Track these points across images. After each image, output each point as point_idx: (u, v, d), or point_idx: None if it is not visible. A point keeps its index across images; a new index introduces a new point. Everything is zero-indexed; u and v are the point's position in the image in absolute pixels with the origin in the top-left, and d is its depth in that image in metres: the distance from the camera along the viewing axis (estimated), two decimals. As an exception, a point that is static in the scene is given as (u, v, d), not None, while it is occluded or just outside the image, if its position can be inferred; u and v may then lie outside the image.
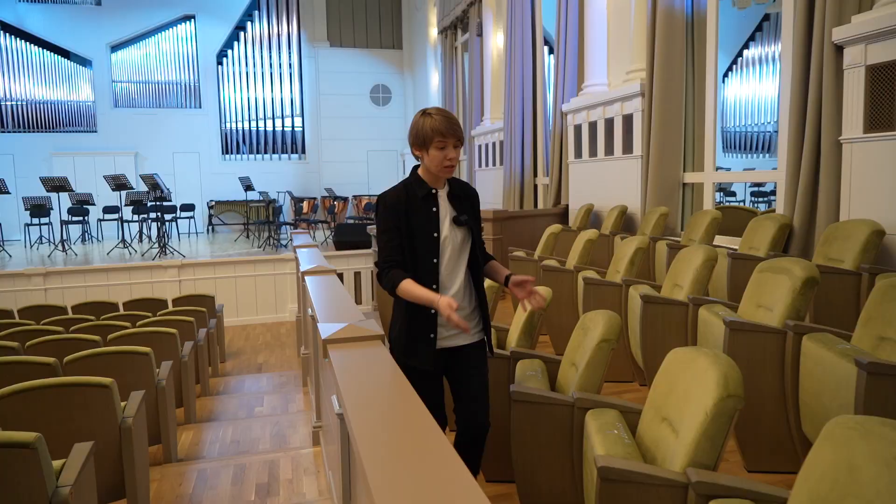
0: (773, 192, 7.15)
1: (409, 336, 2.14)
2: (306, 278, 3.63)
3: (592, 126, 6.23)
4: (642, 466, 1.49)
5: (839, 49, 3.50)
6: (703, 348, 1.64)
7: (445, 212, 2.11)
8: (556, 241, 5.49)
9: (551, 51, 8.62)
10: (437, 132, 2.00)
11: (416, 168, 2.18)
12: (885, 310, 2.13)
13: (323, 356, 2.24)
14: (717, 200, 8.48)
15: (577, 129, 6.53)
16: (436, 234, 2.09)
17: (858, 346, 2.16)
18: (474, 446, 2.19)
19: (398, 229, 2.09)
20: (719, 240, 4.61)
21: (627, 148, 5.66)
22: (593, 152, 6.26)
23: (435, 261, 2.09)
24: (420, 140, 2.05)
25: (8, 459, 1.83)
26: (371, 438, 1.31)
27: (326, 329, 2.21)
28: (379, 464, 1.17)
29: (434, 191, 2.11)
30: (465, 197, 2.16)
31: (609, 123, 5.93)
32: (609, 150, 5.97)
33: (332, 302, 2.80)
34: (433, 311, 2.08)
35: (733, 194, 7.82)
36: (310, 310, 3.53)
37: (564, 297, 4.20)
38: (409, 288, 2.05)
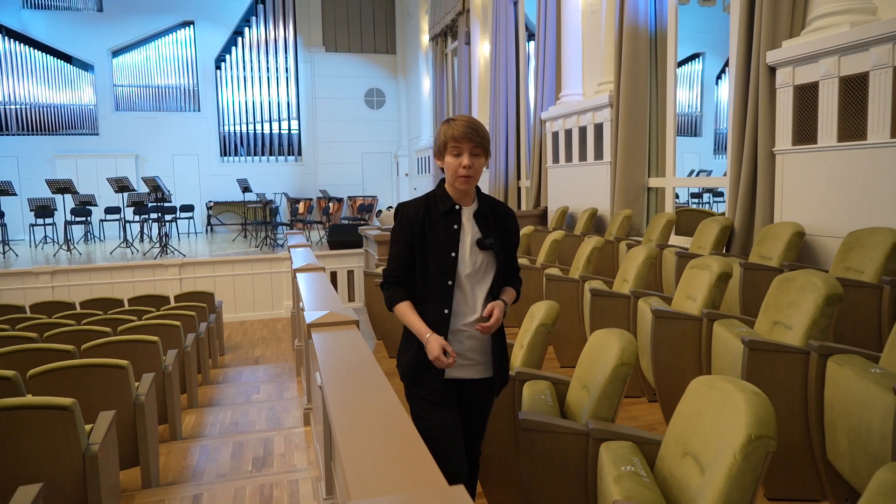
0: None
1: (416, 362, 1.97)
2: (297, 275, 4.06)
3: (568, 133, 6.66)
4: None
5: (772, 70, 3.93)
6: (729, 378, 1.53)
7: (469, 231, 1.92)
8: (559, 248, 5.48)
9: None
10: (450, 137, 1.85)
11: (442, 181, 2.00)
12: None
13: (307, 337, 2.64)
14: (683, 202, 8.92)
15: (555, 135, 6.96)
16: (454, 254, 1.89)
17: (889, 368, 2.02)
18: (469, 474, 2.08)
19: (409, 246, 1.93)
20: (677, 240, 5.04)
21: (598, 154, 6.09)
22: (569, 158, 6.69)
23: (450, 283, 1.89)
24: (437, 148, 1.93)
25: (51, 419, 2.25)
26: (341, 400, 1.72)
27: (311, 315, 2.64)
28: (345, 418, 1.58)
29: (457, 207, 1.93)
30: (495, 216, 1.96)
31: (583, 131, 6.36)
32: (583, 156, 6.40)
33: (318, 294, 3.22)
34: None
35: (699, 196, 8.28)
36: (301, 303, 3.95)
37: (568, 306, 4.07)
38: (405, 312, 1.94)
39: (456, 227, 1.91)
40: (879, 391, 1.84)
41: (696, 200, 8.07)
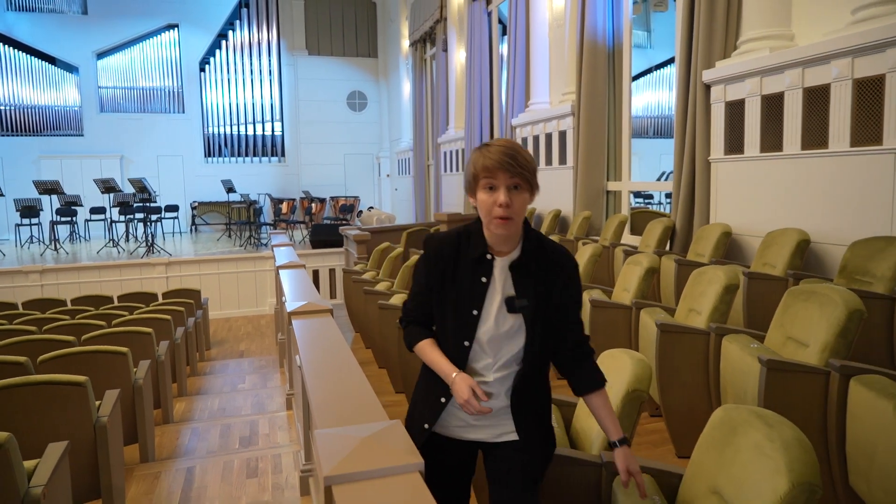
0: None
1: (413, 402, 1.72)
2: (280, 271, 4.45)
3: (536, 139, 7.10)
4: None
5: (708, 87, 4.39)
6: (760, 411, 1.45)
7: (500, 287, 1.54)
8: None
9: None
10: (482, 168, 1.46)
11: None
12: None
13: (288, 324, 3.04)
14: (657, 203, 9.40)
15: (525, 141, 7.40)
16: (475, 313, 1.54)
17: None
18: None
19: (429, 290, 1.61)
20: (629, 238, 5.50)
21: (562, 159, 6.54)
22: (536, 162, 7.13)
23: (466, 344, 1.55)
24: (467, 182, 1.53)
25: (67, 393, 2.62)
26: (314, 366, 2.13)
27: (292, 305, 3.04)
28: (316, 378, 1.98)
29: (489, 256, 1.54)
30: (540, 268, 1.54)
31: (549, 138, 6.80)
32: (549, 160, 6.85)
33: (298, 287, 3.63)
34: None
35: (650, 198, 8.84)
36: (284, 297, 4.34)
37: None
38: (426, 352, 1.61)
39: (484, 280, 1.54)
40: None
41: (656, 202, 8.61)
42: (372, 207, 13.57)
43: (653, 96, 12.57)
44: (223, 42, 15.77)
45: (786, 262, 3.43)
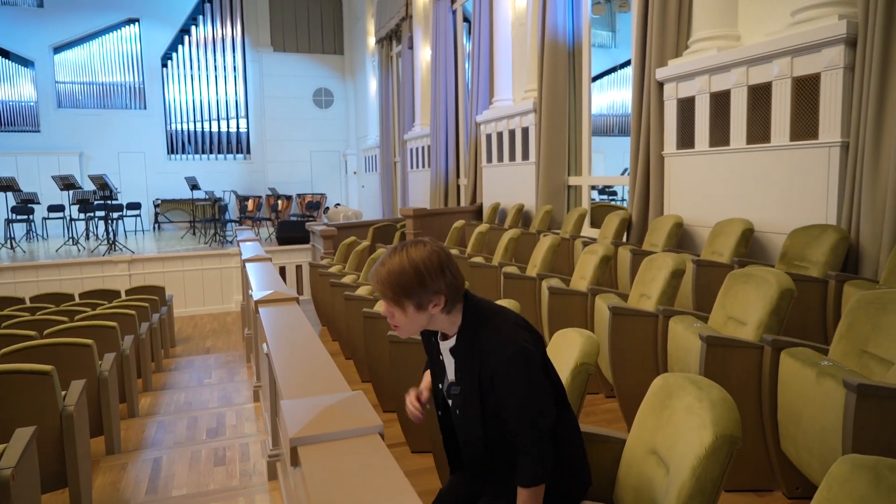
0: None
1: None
2: (247, 265, 4.49)
3: (500, 135, 7.24)
4: None
5: (661, 85, 4.58)
6: (693, 377, 1.57)
7: (449, 368, 1.61)
8: (484, 240, 5.99)
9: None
10: None
11: None
12: (862, 324, 2.11)
13: (255, 312, 3.09)
14: (619, 198, 9.66)
15: (489, 137, 7.54)
16: (440, 386, 1.66)
17: (838, 361, 2.11)
18: None
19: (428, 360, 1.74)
20: (589, 231, 5.68)
21: (525, 155, 6.70)
22: (500, 158, 7.28)
23: (440, 413, 1.69)
24: None
25: (33, 382, 2.64)
26: (282, 353, 2.20)
27: (258, 294, 3.10)
28: (286, 366, 2.06)
29: (434, 339, 1.64)
30: (475, 357, 1.52)
31: (512, 134, 6.95)
32: (512, 156, 7.00)
33: (264, 278, 3.68)
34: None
35: (614, 194, 9.09)
36: (251, 290, 4.38)
37: (526, 303, 4.02)
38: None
39: (441, 358, 1.63)
40: (830, 382, 1.93)
41: (620, 199, 8.86)
42: (339, 204, 13.58)
43: (617, 95, 12.85)
44: (186, 37, 15.54)
45: (732, 250, 3.63)
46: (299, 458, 1.34)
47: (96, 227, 12.95)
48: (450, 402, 1.62)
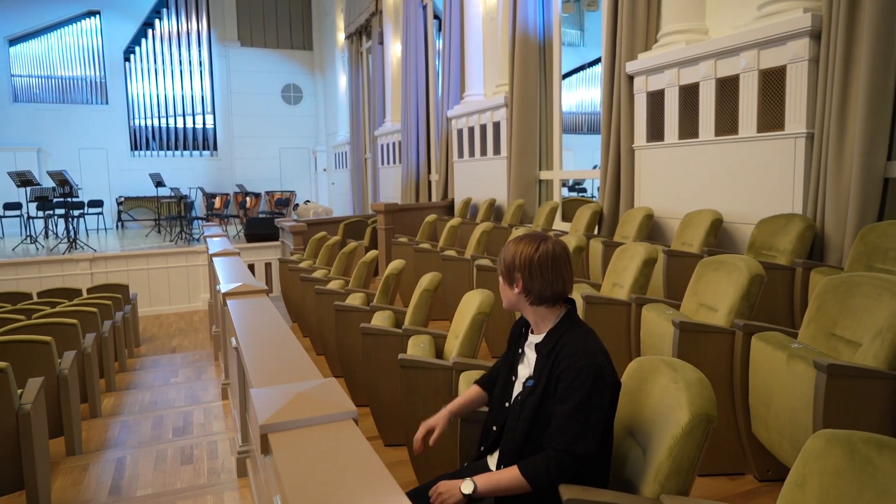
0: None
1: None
2: (214, 259, 4.38)
3: (471, 130, 7.23)
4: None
5: (631, 78, 4.61)
6: (668, 359, 1.58)
7: (529, 362, 1.68)
8: (456, 234, 5.97)
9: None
10: None
11: None
12: (830, 307, 2.15)
13: (223, 306, 3.01)
14: (590, 193, 9.73)
15: (460, 132, 7.52)
16: (513, 378, 1.72)
17: (807, 343, 2.13)
18: None
19: (505, 356, 1.82)
20: (560, 225, 5.70)
21: (497, 150, 6.69)
22: (472, 153, 7.26)
23: (507, 405, 1.70)
24: None
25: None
26: (251, 343, 2.14)
27: (226, 287, 3.02)
28: (256, 356, 2.00)
29: (523, 330, 1.76)
30: (551, 357, 1.58)
31: (483, 129, 6.94)
32: (483, 151, 6.99)
33: (232, 271, 3.59)
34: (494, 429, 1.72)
35: (584, 191, 9.18)
36: (218, 285, 4.28)
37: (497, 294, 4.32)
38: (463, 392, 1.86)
39: (521, 351, 1.73)
40: (800, 364, 1.96)
41: (589, 195, 8.95)
42: (308, 201, 13.40)
43: (586, 94, 12.95)
44: (149, 31, 15.17)
45: (701, 241, 3.67)
46: (270, 445, 1.29)
47: (56, 226, 12.55)
48: (516, 392, 1.66)
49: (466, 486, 1.53)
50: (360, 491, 1.10)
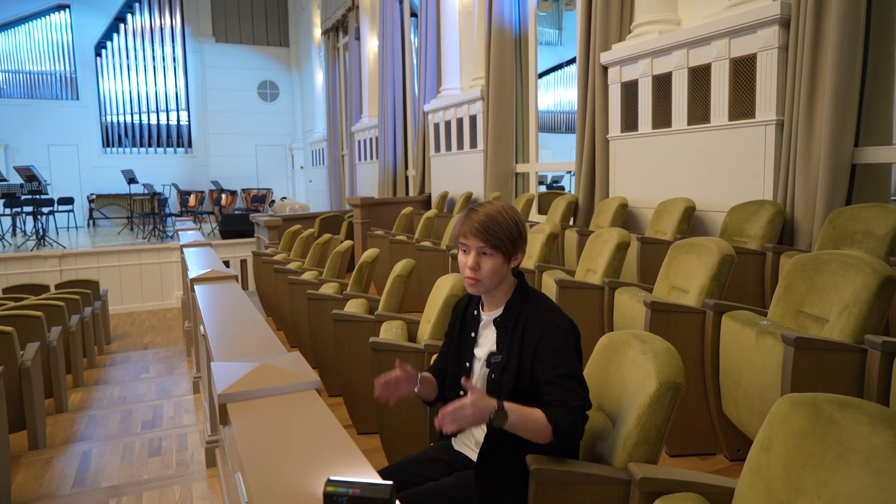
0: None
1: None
2: (184, 249, 4.30)
3: (447, 124, 7.21)
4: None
5: (605, 69, 4.63)
6: (637, 333, 1.58)
7: (486, 342, 1.60)
8: (432, 226, 5.97)
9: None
10: (460, 233, 1.54)
11: None
12: (798, 286, 2.17)
13: (191, 291, 2.95)
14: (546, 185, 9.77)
15: (437, 126, 7.49)
16: (467, 364, 1.63)
17: (777, 321, 2.16)
18: None
19: (448, 345, 1.72)
20: (537, 217, 5.71)
21: (473, 143, 6.68)
22: (448, 147, 7.24)
23: (461, 394, 1.53)
24: (453, 240, 1.62)
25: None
26: (217, 321, 2.09)
27: (193, 272, 2.95)
28: (220, 333, 1.95)
29: (476, 312, 1.65)
30: (521, 327, 1.53)
31: (460, 122, 6.93)
32: (460, 145, 6.97)
33: (201, 258, 3.52)
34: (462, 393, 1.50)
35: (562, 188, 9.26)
36: (189, 276, 4.20)
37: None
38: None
39: (473, 334, 1.63)
40: (769, 340, 1.99)
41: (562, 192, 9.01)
42: (285, 198, 13.26)
43: (565, 93, 13.00)
44: (121, 26, 14.89)
45: (674, 228, 3.69)
46: (229, 416, 1.25)
47: (24, 223, 12.24)
48: (481, 373, 1.58)
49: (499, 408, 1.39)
50: (322, 457, 1.07)
